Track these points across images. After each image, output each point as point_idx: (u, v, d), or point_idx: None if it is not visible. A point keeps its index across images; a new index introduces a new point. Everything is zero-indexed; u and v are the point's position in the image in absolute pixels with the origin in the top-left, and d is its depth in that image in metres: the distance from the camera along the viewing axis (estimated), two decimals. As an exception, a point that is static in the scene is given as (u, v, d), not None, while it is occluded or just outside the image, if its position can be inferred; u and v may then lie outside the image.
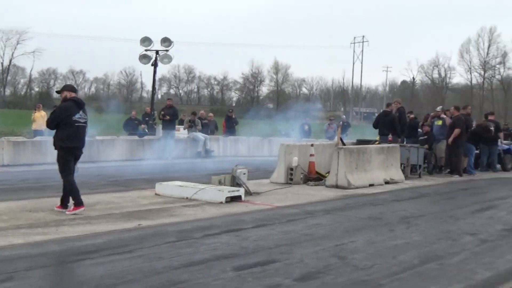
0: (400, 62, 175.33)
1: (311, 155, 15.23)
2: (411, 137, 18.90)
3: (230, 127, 27.81)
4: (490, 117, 20.69)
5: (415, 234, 9.01)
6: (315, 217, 10.20)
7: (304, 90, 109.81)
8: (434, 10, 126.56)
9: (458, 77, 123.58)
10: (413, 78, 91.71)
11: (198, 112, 26.35)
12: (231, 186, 12.13)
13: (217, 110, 66.12)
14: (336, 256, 7.37)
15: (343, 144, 16.46)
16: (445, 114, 19.22)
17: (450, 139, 17.53)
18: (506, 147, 21.05)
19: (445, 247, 8.20)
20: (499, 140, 20.25)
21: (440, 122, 18.92)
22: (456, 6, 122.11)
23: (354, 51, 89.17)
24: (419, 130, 19.46)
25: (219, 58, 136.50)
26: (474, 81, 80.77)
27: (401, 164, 16.17)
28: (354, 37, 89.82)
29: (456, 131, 17.56)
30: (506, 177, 18.53)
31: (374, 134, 20.29)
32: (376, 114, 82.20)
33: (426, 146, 17.64)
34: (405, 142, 18.11)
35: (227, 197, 11.21)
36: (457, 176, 17.46)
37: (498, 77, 78.80)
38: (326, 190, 13.76)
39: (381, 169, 15.23)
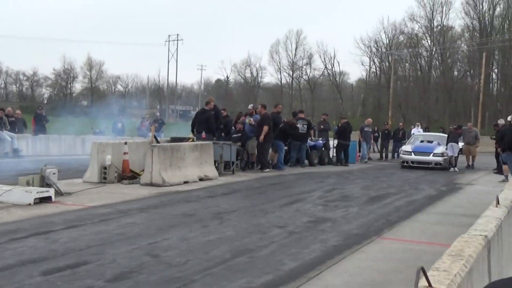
0: (215, 61, 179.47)
1: (125, 153, 15.02)
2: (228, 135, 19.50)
3: (40, 125, 26.39)
4: (300, 115, 21.96)
5: (228, 229, 9.29)
6: (129, 216, 10.09)
7: (120, 87, 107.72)
8: (246, 12, 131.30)
9: (269, 77, 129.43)
10: (227, 77, 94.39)
11: (6, 109, 24.63)
12: (40, 186, 11.55)
13: (27, 107, 62.32)
14: (149, 254, 7.36)
15: (157, 142, 16.47)
16: (255, 112, 20.06)
17: (261, 137, 18.34)
18: (312, 143, 22.49)
19: (255, 240, 8.57)
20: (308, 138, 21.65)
21: (250, 120, 19.70)
22: (266, 8, 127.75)
23: (169, 49, 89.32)
24: (233, 128, 20.07)
25: (28, 53, 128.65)
26: (283, 81, 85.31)
27: (215, 161, 16.57)
28: (169, 35, 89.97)
29: (265, 128, 18.40)
30: (312, 171, 19.81)
31: (189, 132, 20.57)
32: (192, 112, 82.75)
33: (239, 143, 18.26)
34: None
35: (35, 198, 10.67)
36: (267, 170, 18.33)
37: (305, 77, 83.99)
38: (141, 188, 13.68)
39: (195, 166, 15.47)
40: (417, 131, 31.67)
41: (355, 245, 8.45)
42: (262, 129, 18.44)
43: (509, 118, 18.70)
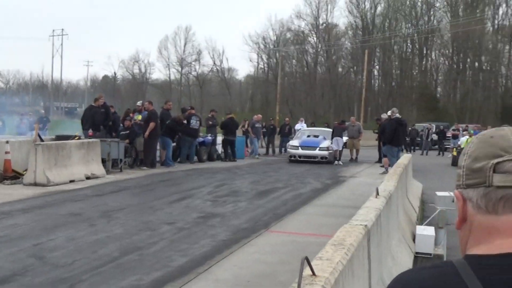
0: (101, 57, 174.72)
1: (6, 152, 14.37)
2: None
3: None
4: (191, 111, 21.94)
5: (116, 227, 9.18)
6: (12, 217, 9.70)
7: (0, 83, 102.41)
8: (133, 7, 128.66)
9: (158, 73, 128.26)
10: (115, 73, 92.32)
11: None
12: None
13: None
14: (34, 256, 7.14)
15: (41, 140, 15.89)
16: (144, 109, 19.84)
17: (146, 133, 18.17)
18: (201, 139, 22.51)
19: (145, 237, 8.54)
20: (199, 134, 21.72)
21: (139, 117, 19.44)
22: (155, 4, 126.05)
23: (53, 44, 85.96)
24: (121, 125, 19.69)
25: None
26: (172, 77, 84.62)
27: (102, 159, 16.22)
28: (53, 30, 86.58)
29: (151, 125, 18.26)
30: (202, 167, 19.86)
31: (76, 129, 20.02)
32: (78, 109, 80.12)
33: (127, 140, 17.96)
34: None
35: None
36: (149, 168, 18.15)
37: (194, 73, 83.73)
38: (24, 189, 13.17)
39: (82, 164, 15.07)
40: (301, 126, 32.55)
41: (244, 239, 8.64)
42: (148, 125, 18.29)
43: (389, 113, 19.72)
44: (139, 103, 21.40)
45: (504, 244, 1.16)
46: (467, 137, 25.58)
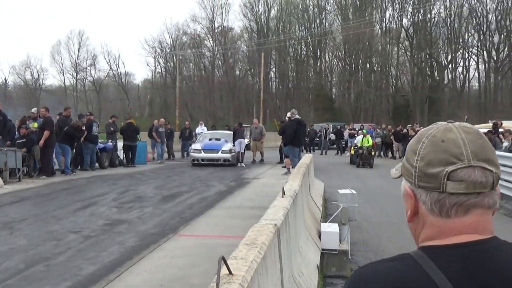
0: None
1: None
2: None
3: None
4: (91, 117, 21.47)
5: (19, 239, 8.90)
6: None
7: None
8: (23, 11, 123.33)
9: (52, 79, 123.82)
10: (5, 79, 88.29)
11: None
12: None
13: None
14: None
15: None
16: (39, 116, 19.21)
17: (41, 142, 17.62)
18: (102, 145, 22.07)
19: (51, 247, 8.34)
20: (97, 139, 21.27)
21: (35, 125, 18.79)
22: (45, 8, 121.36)
23: None
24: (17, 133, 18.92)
25: None
26: (67, 83, 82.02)
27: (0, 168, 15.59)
28: None
29: (46, 133, 17.73)
30: (104, 174, 19.49)
31: None
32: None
33: (24, 149, 17.29)
34: None
35: None
36: (48, 176, 17.61)
37: (90, 78, 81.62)
38: None
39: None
40: (201, 129, 32.67)
41: (153, 244, 8.64)
42: (43, 132, 17.73)
43: (288, 115, 20.20)
44: (34, 110, 20.66)
45: (458, 239, 1.27)
46: (362, 136, 26.65)
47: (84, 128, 20.27)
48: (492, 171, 1.26)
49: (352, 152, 26.23)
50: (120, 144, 23.65)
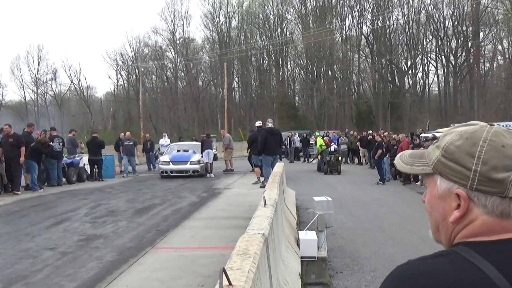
0: None
1: None
2: None
3: None
4: (53, 132, 21.16)
5: (-6, 258, 8.74)
6: None
7: None
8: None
9: (12, 94, 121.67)
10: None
11: None
12: None
13: None
14: None
15: None
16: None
17: (22, 158, 17.43)
18: (69, 160, 21.75)
19: (27, 265, 8.21)
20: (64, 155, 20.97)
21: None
22: (3, 22, 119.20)
23: None
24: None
25: None
26: (28, 98, 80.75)
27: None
28: None
29: (23, 149, 17.56)
30: (72, 189, 19.24)
31: None
32: None
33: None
34: None
35: None
36: (14, 193, 17.38)
37: (51, 93, 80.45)
38: None
39: None
40: (164, 141, 32.56)
41: (131, 258, 8.58)
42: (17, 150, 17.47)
43: (257, 124, 20.30)
44: None
45: (506, 235, 1.29)
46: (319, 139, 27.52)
47: (51, 143, 20.01)
48: None
49: (318, 158, 26.45)
50: (86, 158, 23.38)
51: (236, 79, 78.54)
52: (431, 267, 1.26)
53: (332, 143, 28.10)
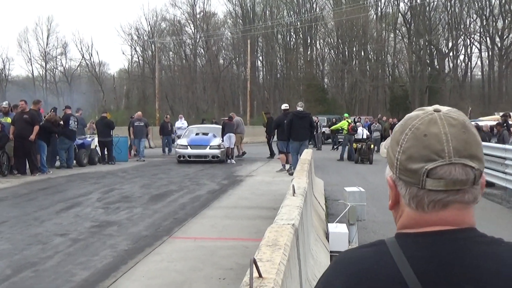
0: None
1: None
2: None
3: None
4: (67, 111, 21.40)
5: (2, 242, 8.90)
6: None
7: None
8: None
9: (19, 69, 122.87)
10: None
11: None
12: None
13: None
14: None
15: None
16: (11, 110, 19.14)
17: (33, 136, 17.69)
18: (80, 141, 21.95)
19: (37, 252, 8.34)
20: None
21: (9, 120, 18.68)
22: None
23: None
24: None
25: None
26: (36, 73, 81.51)
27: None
28: None
29: (36, 128, 17.82)
30: (83, 172, 19.46)
31: None
32: None
33: (-2, 145, 17.21)
34: None
35: None
36: (38, 173, 17.80)
37: (60, 68, 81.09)
38: None
39: None
40: (181, 123, 32.65)
41: (147, 247, 8.66)
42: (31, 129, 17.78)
43: (283, 107, 20.28)
44: (4, 104, 20.38)
45: (430, 229, 1.35)
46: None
47: (61, 122, 20.20)
48: (474, 168, 1.32)
49: (355, 146, 26.29)
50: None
51: (260, 58, 78.38)
52: (359, 256, 1.38)
53: (361, 128, 27.82)
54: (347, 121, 28.62)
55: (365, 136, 26.70)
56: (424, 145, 1.33)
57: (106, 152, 23.43)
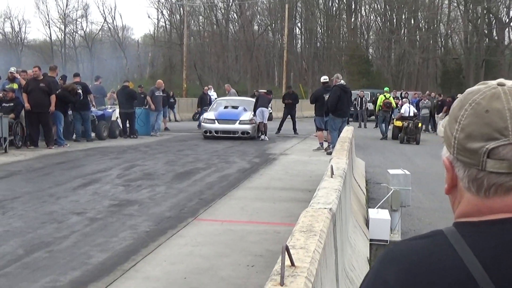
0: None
1: None
2: None
3: None
4: (76, 79, 21.51)
5: (14, 220, 9.05)
6: None
7: None
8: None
9: (36, 32, 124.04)
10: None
11: None
12: None
13: None
14: None
15: None
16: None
17: (52, 107, 17.97)
18: (100, 112, 22.15)
19: (52, 231, 8.47)
20: (90, 105, 21.26)
21: (16, 86, 18.91)
22: None
23: None
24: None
25: None
26: (54, 37, 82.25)
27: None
28: None
29: (53, 97, 18.07)
30: (103, 146, 19.66)
31: None
32: None
33: (12, 115, 17.42)
34: None
35: None
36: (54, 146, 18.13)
37: (81, 32, 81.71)
38: None
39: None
40: (211, 94, 32.69)
41: (170, 230, 8.73)
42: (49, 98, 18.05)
43: (322, 79, 20.17)
44: (12, 69, 20.52)
45: (495, 216, 1.30)
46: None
47: (80, 91, 20.35)
48: None
49: (399, 124, 26.07)
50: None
51: (299, 24, 78.00)
52: (412, 249, 1.34)
53: (407, 104, 27.54)
54: (384, 95, 28.45)
55: (411, 114, 26.43)
56: (485, 122, 1.29)
57: (128, 125, 23.53)
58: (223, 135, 23.59)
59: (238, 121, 23.89)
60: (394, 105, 28.96)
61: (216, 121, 23.92)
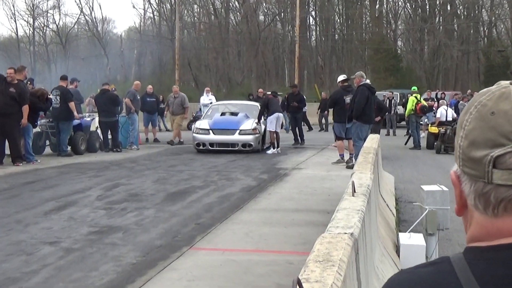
0: None
1: None
2: None
3: None
4: (62, 83, 21.58)
5: (-25, 252, 9.05)
6: None
7: None
8: None
9: (0, 27, 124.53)
10: None
11: None
12: None
13: None
14: None
15: None
16: None
17: (24, 121, 18.00)
18: (76, 121, 21.92)
19: (19, 264, 8.47)
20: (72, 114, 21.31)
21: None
22: None
23: None
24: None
25: None
26: (21, 32, 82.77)
27: None
28: None
29: (25, 107, 18.11)
30: (81, 162, 19.68)
31: None
32: None
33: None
34: None
35: None
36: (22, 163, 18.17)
37: (52, 26, 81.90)
38: None
39: None
40: (208, 99, 32.66)
41: (161, 261, 8.72)
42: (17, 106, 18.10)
43: (340, 78, 20.17)
44: None
45: (505, 240, 1.30)
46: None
47: (52, 96, 20.38)
48: None
49: (434, 130, 26.02)
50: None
51: (313, 13, 78.18)
52: (415, 278, 1.37)
53: (444, 107, 27.51)
54: (415, 97, 28.24)
55: (450, 118, 26.38)
56: (490, 125, 1.30)
57: (110, 136, 23.45)
58: (219, 148, 23.08)
59: (237, 131, 23.18)
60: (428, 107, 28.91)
61: (211, 131, 23.28)
